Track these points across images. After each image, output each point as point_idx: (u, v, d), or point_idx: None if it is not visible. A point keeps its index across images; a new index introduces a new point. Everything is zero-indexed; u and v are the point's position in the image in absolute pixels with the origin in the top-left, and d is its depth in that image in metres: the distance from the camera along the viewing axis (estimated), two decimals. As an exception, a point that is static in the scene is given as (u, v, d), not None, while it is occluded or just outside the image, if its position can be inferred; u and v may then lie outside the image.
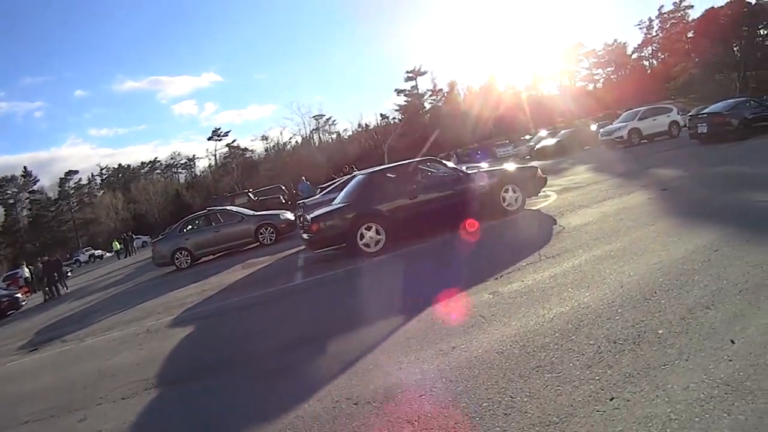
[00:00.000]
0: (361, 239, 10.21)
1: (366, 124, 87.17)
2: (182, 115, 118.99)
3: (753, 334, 3.63)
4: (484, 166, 18.01)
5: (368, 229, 10.20)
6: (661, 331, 3.99)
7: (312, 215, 11.02)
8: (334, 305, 7.58)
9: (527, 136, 47.47)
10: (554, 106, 71.82)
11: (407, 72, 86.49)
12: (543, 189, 12.22)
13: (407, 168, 11.40)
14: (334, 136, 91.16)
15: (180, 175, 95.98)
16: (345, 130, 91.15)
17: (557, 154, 31.23)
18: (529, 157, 34.52)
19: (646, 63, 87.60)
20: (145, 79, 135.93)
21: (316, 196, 17.68)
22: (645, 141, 26.63)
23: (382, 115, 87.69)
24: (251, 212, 20.53)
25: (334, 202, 11.72)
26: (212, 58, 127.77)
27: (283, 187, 35.82)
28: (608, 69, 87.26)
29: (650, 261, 5.71)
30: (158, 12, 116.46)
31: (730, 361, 3.35)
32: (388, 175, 11.40)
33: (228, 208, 22.04)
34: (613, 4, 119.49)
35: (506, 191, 10.82)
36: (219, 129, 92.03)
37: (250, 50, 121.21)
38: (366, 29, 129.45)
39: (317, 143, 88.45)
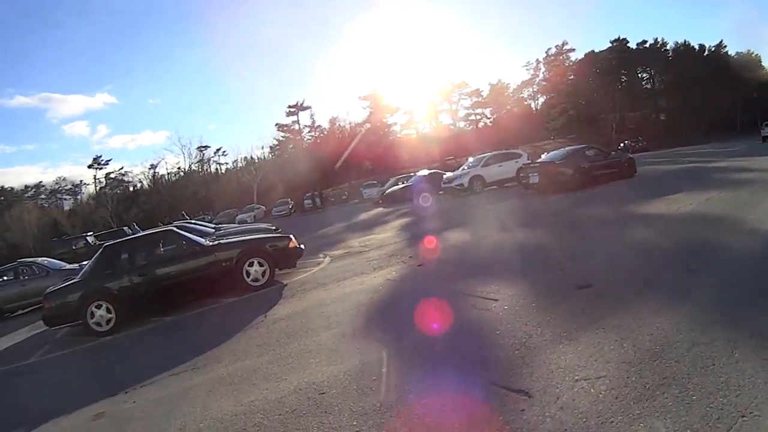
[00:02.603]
0: (91, 318, 9.83)
1: (245, 158, 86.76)
2: (73, 136, 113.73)
3: None
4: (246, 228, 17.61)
5: (98, 307, 9.83)
6: None
7: (46, 291, 10.62)
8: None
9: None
10: (432, 145, 72.95)
11: (289, 107, 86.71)
12: (318, 257, 12.88)
13: (143, 241, 11.34)
14: (224, 167, 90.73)
15: (66, 201, 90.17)
16: (226, 163, 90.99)
17: (404, 199, 31.31)
18: (380, 201, 34.85)
19: (531, 103, 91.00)
20: (36, 95, 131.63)
21: None
22: (494, 187, 26.36)
23: (249, 155, 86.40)
24: (63, 265, 18.86)
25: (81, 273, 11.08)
26: (107, 77, 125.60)
27: (129, 230, 33.72)
28: (488, 109, 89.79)
29: (259, 392, 5.16)
30: (52, 23, 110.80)
31: None
32: (124, 248, 11.07)
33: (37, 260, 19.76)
34: (504, 46, 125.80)
35: (250, 265, 10.46)
36: (100, 156, 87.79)
37: (145, 72, 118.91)
38: (262, 60, 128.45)
39: (204, 175, 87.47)
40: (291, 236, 11.54)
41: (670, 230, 9.52)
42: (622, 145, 61.60)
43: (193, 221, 26.80)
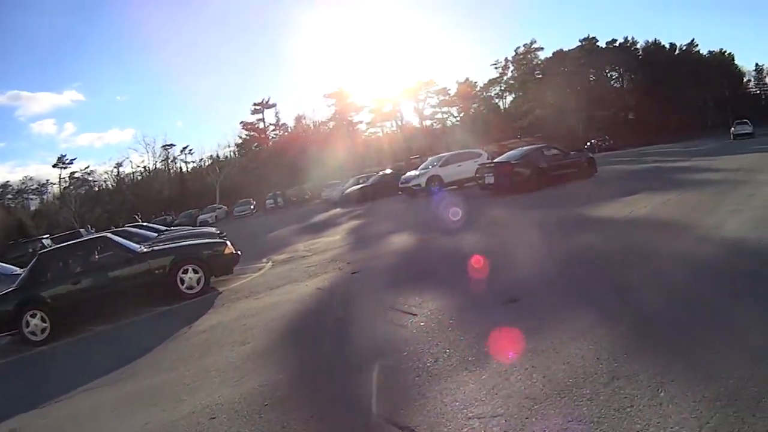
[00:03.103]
0: (27, 327, 9.52)
1: (210, 157, 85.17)
2: (41, 134, 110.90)
3: None
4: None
5: (33, 316, 9.52)
6: None
7: None
8: None
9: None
10: (398, 144, 72.62)
11: (254, 104, 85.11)
12: (261, 261, 12.98)
13: (77, 248, 11.11)
14: (190, 166, 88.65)
15: (32, 201, 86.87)
16: (193, 162, 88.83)
17: (362, 201, 30.79)
18: (339, 201, 34.23)
19: (499, 102, 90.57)
20: (5, 93, 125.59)
21: None
22: (455, 187, 25.53)
23: (215, 154, 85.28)
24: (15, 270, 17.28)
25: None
26: (75, 74, 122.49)
27: (85, 231, 32.82)
28: (455, 107, 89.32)
29: (158, 413, 4.91)
30: (19, 20, 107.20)
31: None
32: (59, 255, 10.85)
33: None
34: (473, 45, 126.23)
35: (185, 272, 10.18)
36: (64, 155, 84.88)
37: (113, 69, 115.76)
38: (229, 56, 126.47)
39: (168, 174, 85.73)
40: (227, 242, 11.41)
41: (617, 237, 9.04)
42: (589, 144, 61.59)
43: (145, 224, 26.08)
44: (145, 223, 27.29)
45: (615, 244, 8.36)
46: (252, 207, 54.54)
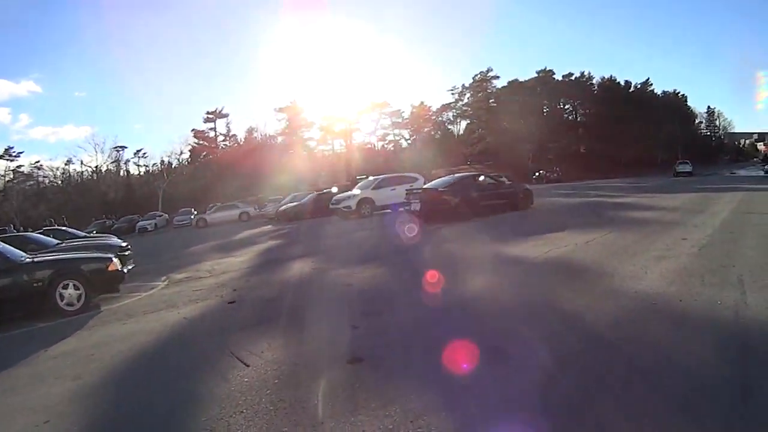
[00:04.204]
0: None
1: (162, 162, 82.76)
2: None
3: None
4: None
5: None
6: None
7: None
8: None
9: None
10: (346, 163, 71.72)
11: (207, 113, 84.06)
12: (159, 279, 12.64)
13: None
14: (143, 169, 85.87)
15: None
16: (146, 166, 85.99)
17: (294, 219, 30.42)
18: (273, 217, 33.83)
19: (453, 128, 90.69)
20: None
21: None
22: (389, 210, 24.62)
23: (165, 160, 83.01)
24: None
25: None
26: (33, 64, 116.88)
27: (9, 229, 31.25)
28: (407, 130, 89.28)
29: None
30: None
31: None
32: None
33: None
34: (432, 69, 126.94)
35: (65, 287, 9.53)
36: (12, 147, 79.47)
37: (73, 64, 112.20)
38: (189, 63, 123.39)
39: (115, 177, 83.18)
40: (112, 258, 10.76)
41: (518, 284, 8.03)
42: (537, 174, 62.03)
43: (61, 228, 24.44)
44: (60, 228, 25.58)
45: (510, 294, 7.41)
46: (192, 217, 52.73)
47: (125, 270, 11.17)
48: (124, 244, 14.83)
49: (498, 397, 4.01)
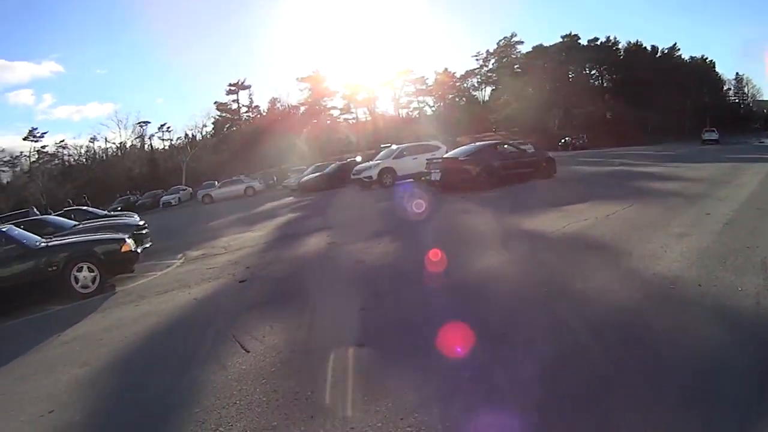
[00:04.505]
0: None
1: (186, 135, 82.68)
2: (17, 105, 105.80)
3: None
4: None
5: None
6: None
7: None
8: None
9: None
10: (371, 132, 71.00)
11: (230, 85, 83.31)
12: (176, 257, 12.75)
13: None
14: (167, 144, 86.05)
15: (4, 174, 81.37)
16: (170, 140, 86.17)
17: (316, 190, 30.09)
18: (296, 189, 33.56)
19: (478, 94, 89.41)
20: None
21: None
22: (410, 180, 24.20)
23: (189, 133, 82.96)
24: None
25: None
26: (54, 44, 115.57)
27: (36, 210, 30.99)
28: (431, 97, 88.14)
29: None
30: None
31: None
32: None
33: None
34: (455, 36, 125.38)
35: (79, 270, 9.59)
36: (36, 128, 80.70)
37: (93, 41, 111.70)
38: (208, 34, 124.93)
39: (139, 152, 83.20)
40: (125, 239, 10.77)
41: (531, 261, 7.72)
42: (563, 141, 61.05)
43: (84, 208, 24.57)
44: (80, 207, 25.97)
45: (521, 272, 7.15)
46: (179, 196, 52.44)
47: (139, 250, 11.16)
48: (141, 223, 14.88)
49: (499, 391, 3.84)
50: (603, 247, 7.82)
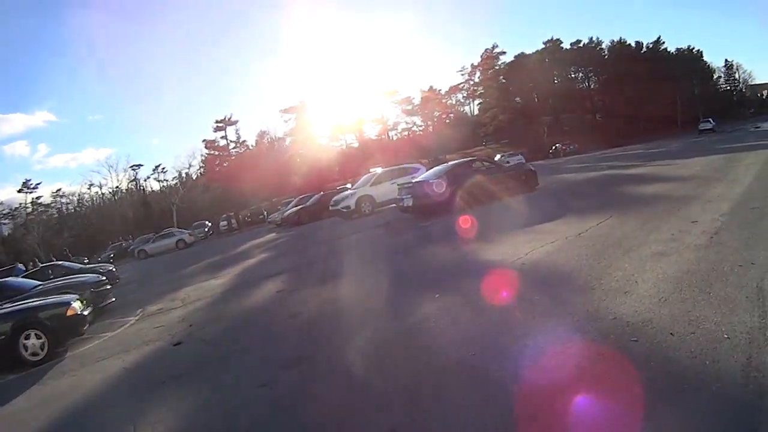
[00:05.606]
0: None
1: (179, 175, 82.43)
2: (14, 156, 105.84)
3: None
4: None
5: None
6: None
7: None
8: None
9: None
10: (360, 157, 69.73)
11: (217, 121, 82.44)
12: (135, 313, 12.32)
13: None
14: (164, 184, 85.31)
15: (5, 226, 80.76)
16: (166, 180, 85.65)
17: (298, 223, 29.73)
18: (279, 223, 33.45)
19: (466, 109, 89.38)
20: None
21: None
22: (393, 205, 22.13)
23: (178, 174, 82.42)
24: None
25: None
26: (46, 93, 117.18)
27: (22, 266, 30.96)
28: (416, 117, 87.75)
29: None
30: None
31: None
32: None
33: None
34: (438, 53, 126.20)
35: (27, 338, 9.24)
36: (29, 180, 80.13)
37: (83, 88, 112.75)
38: (198, 73, 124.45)
39: (133, 196, 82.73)
40: (71, 302, 10.25)
41: (463, 312, 6.41)
42: (554, 148, 60.25)
43: (59, 263, 24.01)
44: (57, 263, 24.95)
45: (440, 332, 5.75)
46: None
47: (87, 312, 10.61)
48: (101, 279, 14.40)
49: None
50: (563, 281, 6.60)
